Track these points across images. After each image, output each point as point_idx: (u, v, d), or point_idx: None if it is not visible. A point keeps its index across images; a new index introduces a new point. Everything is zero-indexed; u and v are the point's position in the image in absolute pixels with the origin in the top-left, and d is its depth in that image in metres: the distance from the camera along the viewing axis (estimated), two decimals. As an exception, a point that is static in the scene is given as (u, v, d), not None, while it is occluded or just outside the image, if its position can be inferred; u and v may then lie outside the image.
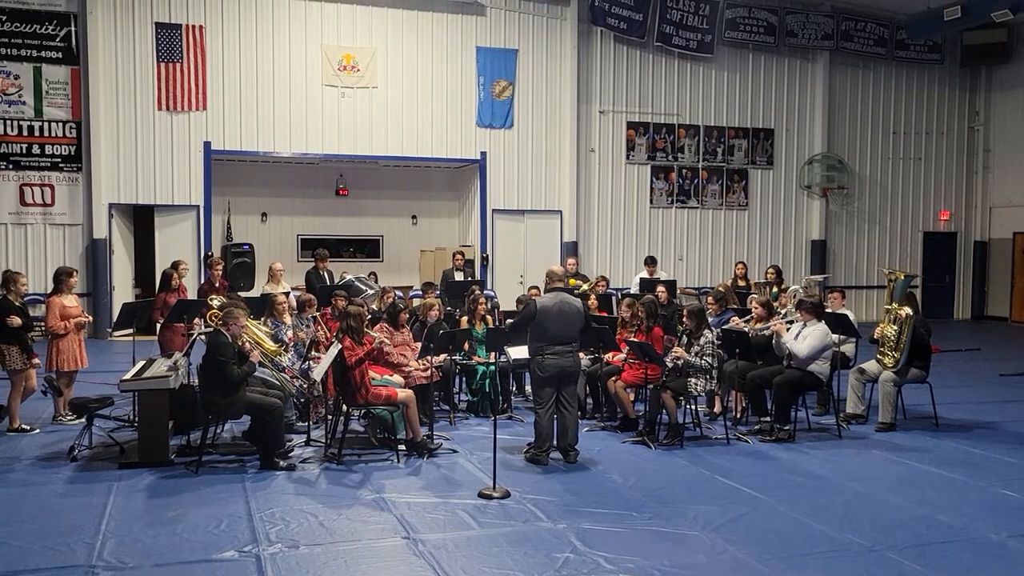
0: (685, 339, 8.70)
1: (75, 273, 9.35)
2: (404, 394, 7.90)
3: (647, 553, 5.52)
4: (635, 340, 8.61)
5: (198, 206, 16.04)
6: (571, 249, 17.62)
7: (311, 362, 8.71)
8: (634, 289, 13.56)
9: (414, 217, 18.78)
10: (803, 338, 8.75)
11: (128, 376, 7.77)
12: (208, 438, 7.74)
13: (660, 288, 11.49)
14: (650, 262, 14.61)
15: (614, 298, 12.85)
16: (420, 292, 12.90)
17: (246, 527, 5.94)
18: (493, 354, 9.31)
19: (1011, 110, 20.44)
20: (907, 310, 9.06)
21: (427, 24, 17.04)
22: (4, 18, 14.98)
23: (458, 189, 18.94)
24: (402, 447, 7.90)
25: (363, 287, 11.43)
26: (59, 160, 15.39)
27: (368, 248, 18.50)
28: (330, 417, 8.31)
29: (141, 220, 16.45)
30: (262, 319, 8.97)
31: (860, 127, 20.20)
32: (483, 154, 17.50)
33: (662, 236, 18.81)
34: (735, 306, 10.71)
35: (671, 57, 18.66)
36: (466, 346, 9.62)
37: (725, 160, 19.24)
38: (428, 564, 5.36)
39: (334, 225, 18.14)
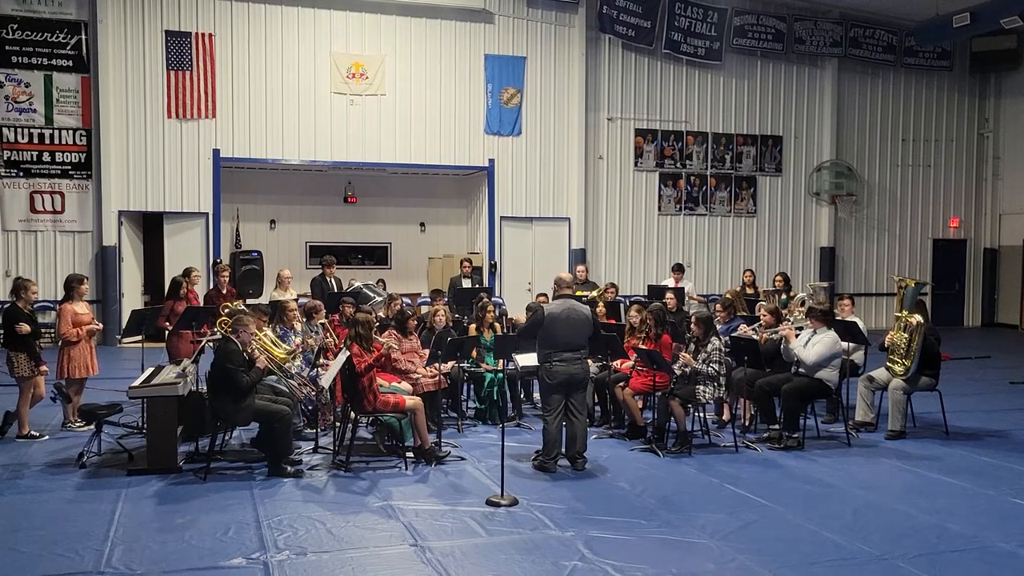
0: (693, 346, 8.68)
1: (86, 280, 9.38)
2: (412, 401, 7.91)
3: (655, 561, 5.51)
4: (643, 347, 8.60)
5: (207, 213, 16.10)
6: (579, 256, 17.61)
7: (319, 369, 8.73)
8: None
9: (422, 224, 18.80)
10: (812, 345, 8.72)
11: (137, 383, 7.79)
12: (216, 445, 7.75)
13: (668, 295, 11.47)
14: (677, 269, 14.57)
15: (622, 305, 12.83)
16: (428, 299, 12.91)
17: (254, 534, 5.95)
18: (501, 361, 9.32)
19: (1021, 117, 20.35)
20: (917, 318, 9.03)
21: (435, 32, 17.09)
22: (15, 26, 15.08)
23: (466, 196, 18.96)
24: (410, 454, 7.91)
25: (371, 294, 11.45)
26: (69, 167, 15.47)
27: (376, 255, 18.52)
28: (338, 424, 8.32)
29: (150, 227, 16.50)
30: (271, 326, 9.00)
31: (869, 134, 20.16)
32: (491, 161, 17.52)
33: (670, 243, 18.79)
34: (743, 313, 10.68)
35: (679, 64, 18.67)
36: (474, 353, 9.62)
37: (733, 167, 19.23)
38: (436, 571, 5.35)
39: (342, 232, 18.17)
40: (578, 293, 12.49)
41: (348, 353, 7.64)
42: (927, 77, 20.51)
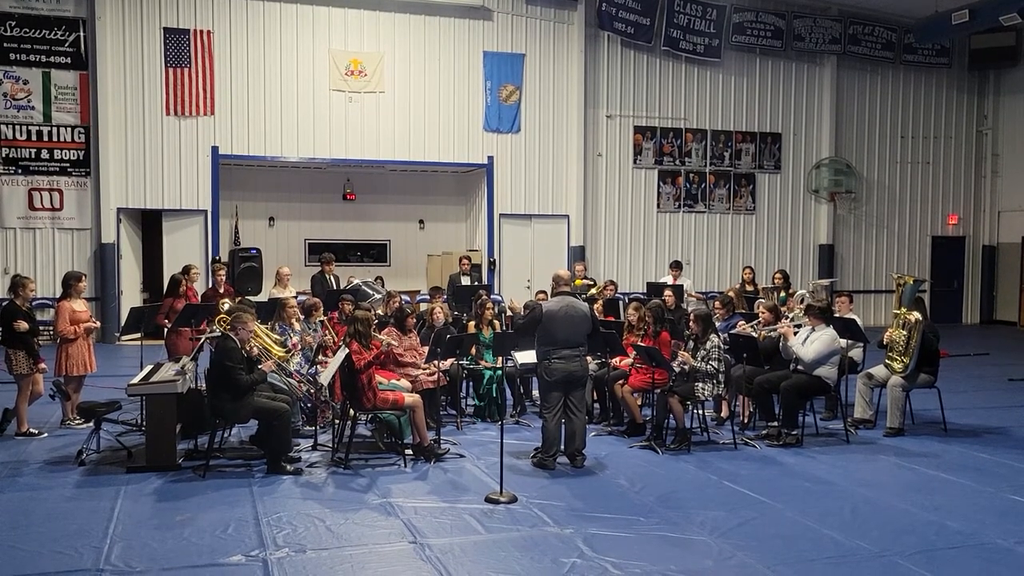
0: (692, 344, 8.69)
1: (84, 278, 9.36)
2: (411, 398, 7.91)
3: (654, 558, 5.51)
4: (642, 345, 8.60)
5: (206, 211, 16.09)
6: (578, 254, 17.61)
7: (318, 366, 8.73)
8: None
9: (421, 222, 18.80)
10: (810, 343, 8.73)
11: (136, 380, 7.78)
12: (215, 442, 7.75)
13: (667, 292, 11.48)
14: (675, 266, 14.58)
15: (621, 303, 12.83)
16: (427, 297, 12.92)
17: (253, 531, 5.94)
18: (500, 359, 9.32)
19: (1020, 114, 20.37)
20: (916, 315, 9.04)
21: (434, 29, 17.08)
22: (13, 23, 15.07)
23: (465, 193, 18.96)
24: (409, 452, 7.91)
25: (370, 292, 11.45)
26: (68, 165, 15.46)
27: (375, 252, 18.52)
28: (337, 421, 8.32)
29: (149, 225, 16.50)
30: (270, 323, 9.00)
31: (868, 131, 20.16)
32: (490, 158, 17.51)
33: (669, 240, 18.80)
34: (742, 311, 10.69)
35: (678, 61, 18.67)
36: (473, 351, 9.62)
37: (732, 164, 19.23)
38: (435, 569, 5.35)
39: (341, 229, 18.17)
40: (577, 283, 12.56)
41: (347, 350, 7.64)
42: (926, 74, 20.52)
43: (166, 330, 9.96)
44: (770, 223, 19.53)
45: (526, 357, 8.82)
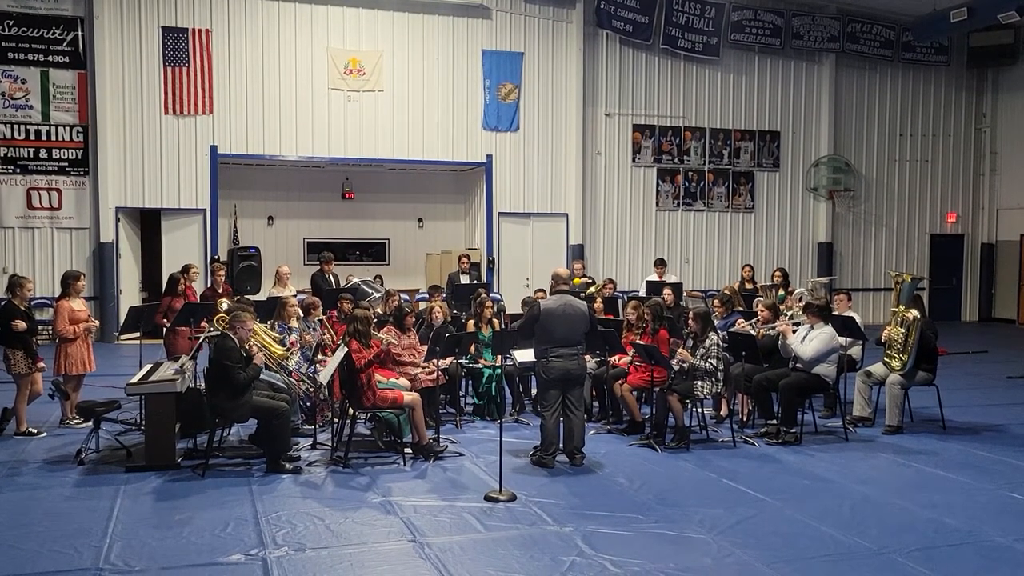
0: (691, 342, 8.69)
1: (83, 277, 9.35)
2: (410, 397, 7.92)
3: (653, 556, 5.52)
4: (641, 343, 8.60)
5: (205, 210, 16.08)
6: (577, 252, 17.61)
7: (317, 365, 8.73)
8: (643, 291, 13.56)
9: (420, 220, 18.79)
10: (809, 341, 8.73)
11: (135, 379, 7.78)
12: (214, 441, 7.75)
13: (666, 291, 11.49)
14: (659, 264, 14.61)
15: (620, 301, 12.84)
16: (426, 295, 12.92)
17: (252, 530, 5.95)
18: (499, 357, 9.32)
19: (1018, 112, 20.37)
20: (914, 313, 9.04)
21: (433, 27, 17.07)
22: (11, 23, 15.05)
23: (464, 192, 18.95)
24: (408, 450, 7.91)
25: (369, 290, 11.45)
26: (66, 164, 15.45)
27: (374, 251, 18.51)
28: (336, 420, 8.32)
29: (148, 224, 16.48)
30: (270, 322, 8.99)
31: (866, 129, 20.16)
32: (489, 157, 17.51)
33: (668, 239, 18.80)
34: (741, 308, 10.70)
35: (677, 60, 18.66)
36: (472, 349, 9.62)
37: (731, 163, 19.23)
38: (434, 567, 5.36)
39: (340, 228, 18.15)
40: (576, 281, 12.57)
41: (346, 349, 7.64)
42: (924, 72, 20.52)
43: (165, 329, 9.96)
44: (769, 221, 19.53)
45: (525, 355, 8.82)
